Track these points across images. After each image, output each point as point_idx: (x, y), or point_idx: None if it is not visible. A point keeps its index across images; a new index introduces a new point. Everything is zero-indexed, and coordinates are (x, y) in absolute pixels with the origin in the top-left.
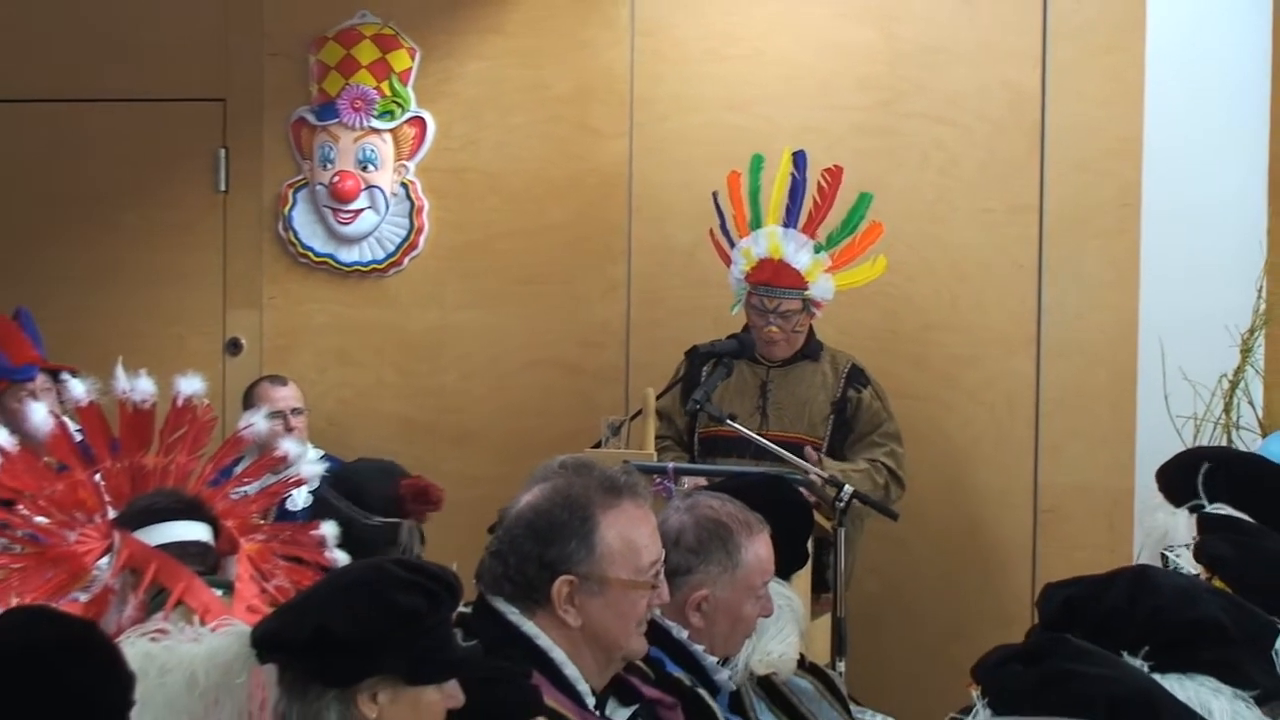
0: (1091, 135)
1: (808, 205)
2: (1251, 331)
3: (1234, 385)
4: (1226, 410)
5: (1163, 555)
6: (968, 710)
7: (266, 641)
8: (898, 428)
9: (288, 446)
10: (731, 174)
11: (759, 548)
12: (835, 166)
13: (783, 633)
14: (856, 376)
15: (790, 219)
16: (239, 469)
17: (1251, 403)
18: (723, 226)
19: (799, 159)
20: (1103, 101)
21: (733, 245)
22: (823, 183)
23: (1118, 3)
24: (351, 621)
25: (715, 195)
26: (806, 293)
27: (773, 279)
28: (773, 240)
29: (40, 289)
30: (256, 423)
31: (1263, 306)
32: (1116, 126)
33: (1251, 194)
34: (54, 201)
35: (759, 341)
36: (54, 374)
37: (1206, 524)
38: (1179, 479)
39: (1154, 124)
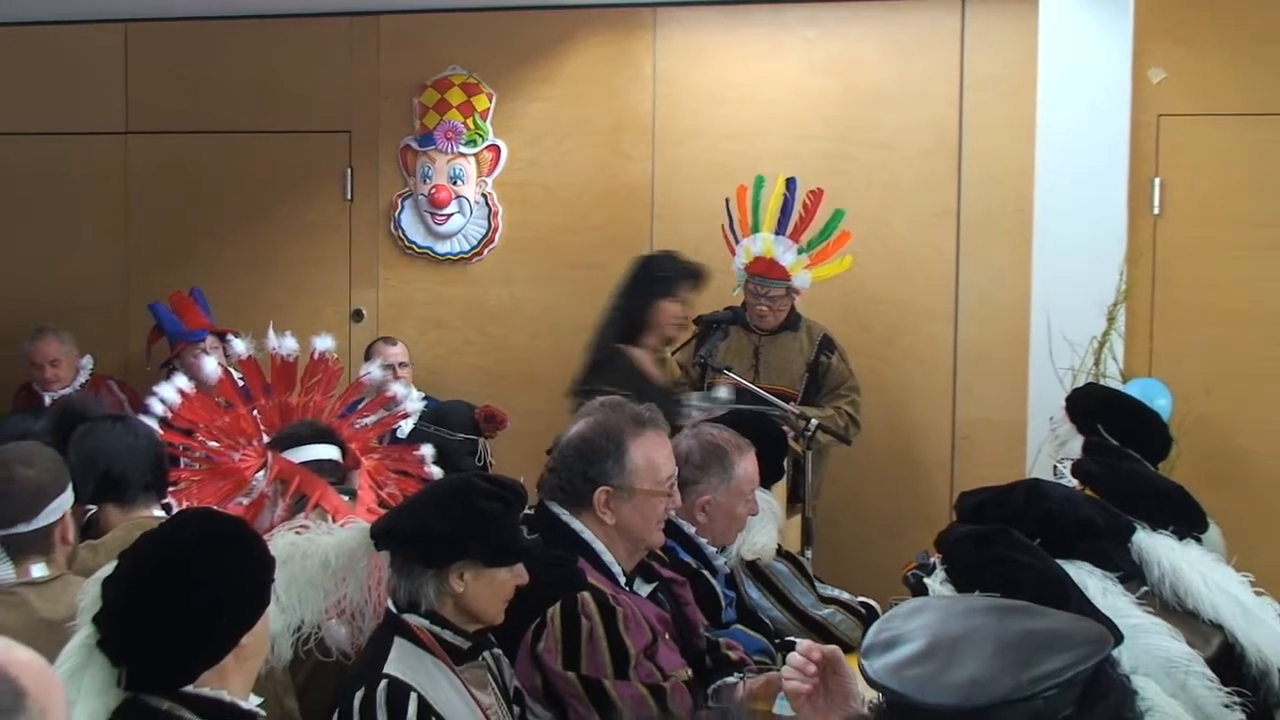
0: (996, 159)
1: (794, 218)
2: (1115, 304)
3: (1102, 345)
4: (1096, 363)
5: (1055, 466)
6: (921, 569)
7: (382, 535)
8: (858, 382)
9: (396, 389)
10: (740, 187)
11: (747, 464)
12: (818, 189)
13: (765, 529)
14: (826, 345)
15: (781, 227)
16: (360, 406)
17: (1115, 358)
18: (730, 225)
19: (791, 184)
20: (1004, 134)
21: (737, 241)
22: (807, 201)
23: (1016, 61)
24: (445, 520)
25: (727, 201)
26: (790, 283)
27: (765, 272)
28: (767, 243)
29: (212, 272)
30: (373, 372)
31: (1123, 286)
32: (1015, 153)
33: (1115, 204)
34: (223, 207)
35: (752, 315)
36: (221, 336)
37: (1087, 448)
38: (1083, 405)
39: (1043, 151)
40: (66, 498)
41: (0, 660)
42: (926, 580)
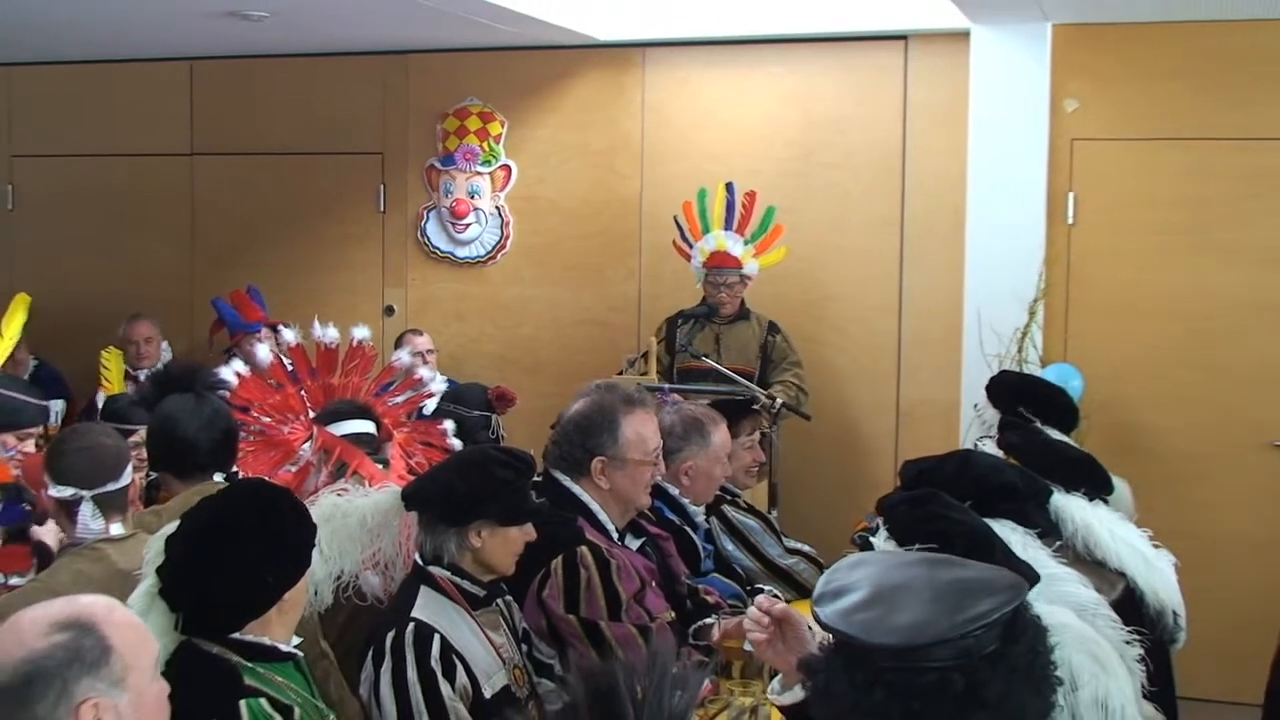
0: (933, 175)
1: (737, 215)
2: (1035, 301)
3: (1024, 335)
4: (1019, 351)
5: (976, 442)
6: (866, 531)
7: (411, 497)
8: (799, 357)
9: (422, 373)
10: (686, 203)
11: (721, 433)
12: (752, 191)
13: None
14: (772, 329)
15: (728, 224)
16: (392, 387)
17: (1035, 346)
18: (682, 235)
19: (730, 188)
20: (941, 153)
21: (691, 246)
22: (745, 202)
23: (951, 93)
24: (466, 484)
25: (676, 218)
26: (742, 270)
27: (721, 263)
28: (719, 239)
29: (265, 274)
30: (402, 358)
31: (1042, 285)
32: (950, 170)
33: (1035, 214)
34: (274, 218)
35: (713, 303)
36: (273, 327)
37: (1008, 423)
38: (1000, 390)
39: (973, 169)
40: (132, 464)
41: (99, 618)
42: (872, 539)
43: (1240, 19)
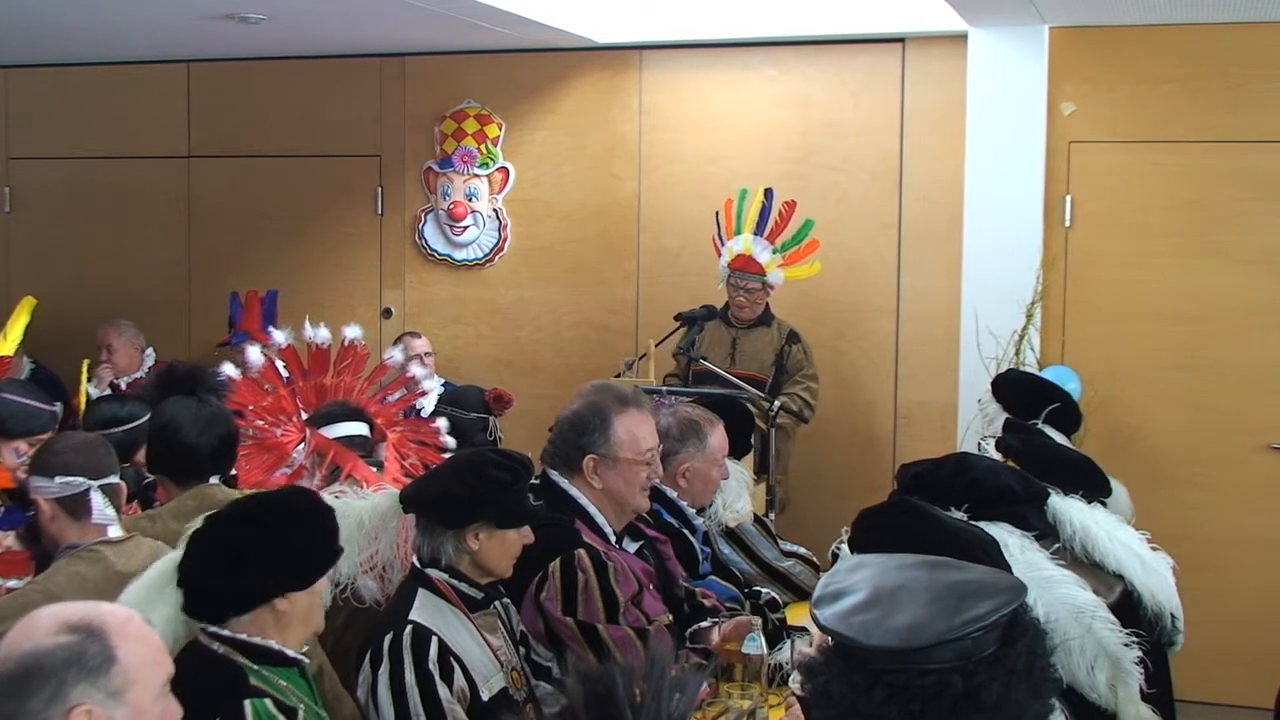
0: (931, 179)
1: (771, 222)
2: (1032, 303)
3: (1021, 338)
4: (1017, 354)
5: (979, 444)
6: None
7: (408, 499)
8: (815, 371)
9: (415, 371)
10: (728, 201)
11: (718, 435)
12: (791, 201)
13: (741, 497)
14: (793, 337)
15: (759, 230)
16: (385, 384)
17: (1032, 349)
18: (718, 233)
19: (768, 193)
20: (938, 157)
21: (723, 244)
22: (782, 209)
23: (948, 96)
24: (463, 487)
25: (717, 214)
26: (765, 278)
27: (744, 267)
28: (747, 243)
29: (262, 277)
30: (395, 355)
31: (1039, 288)
32: (947, 173)
33: (1032, 217)
34: (272, 221)
35: (732, 307)
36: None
37: (1007, 426)
38: (1008, 390)
39: (971, 172)
40: None
41: (111, 628)
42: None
43: (1236, 22)
